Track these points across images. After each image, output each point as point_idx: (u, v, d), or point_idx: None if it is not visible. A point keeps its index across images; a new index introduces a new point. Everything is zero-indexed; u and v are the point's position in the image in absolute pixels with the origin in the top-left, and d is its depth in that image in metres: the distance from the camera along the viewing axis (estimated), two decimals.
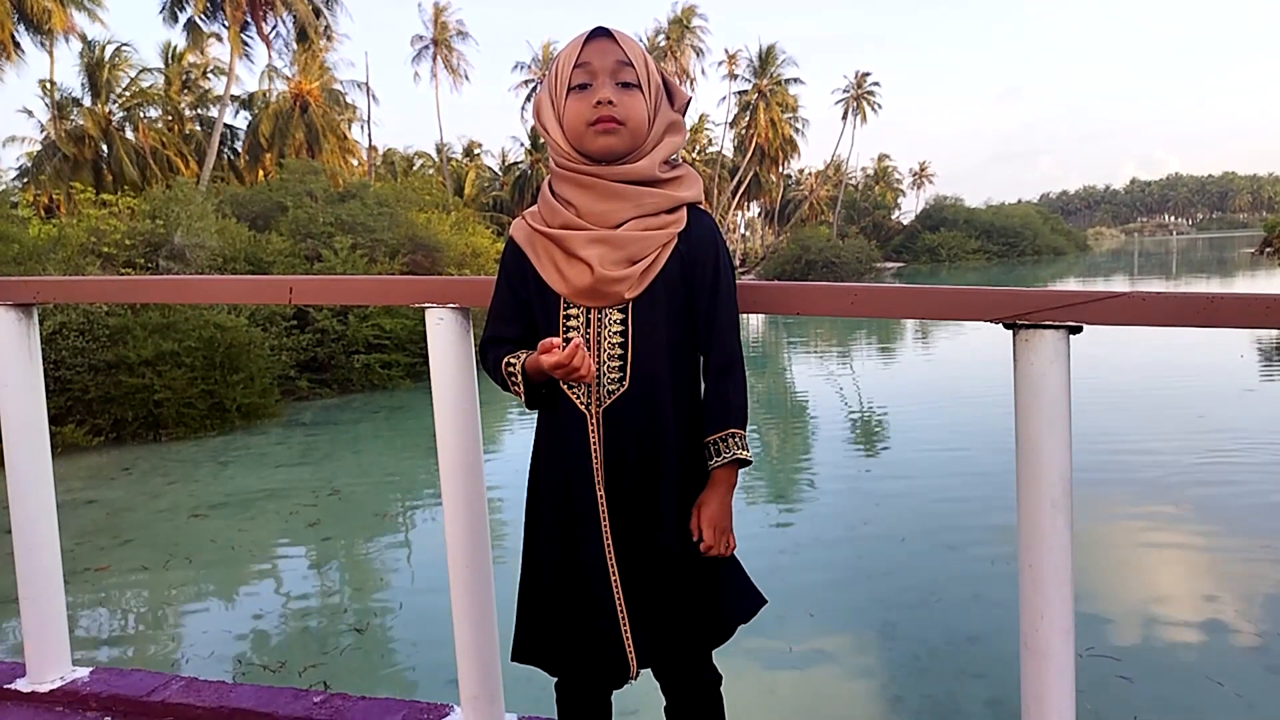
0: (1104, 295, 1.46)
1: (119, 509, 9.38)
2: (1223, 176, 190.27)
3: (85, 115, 31.95)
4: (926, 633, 5.55)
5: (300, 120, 35.47)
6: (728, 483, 1.49)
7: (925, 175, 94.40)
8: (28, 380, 2.14)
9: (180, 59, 37.16)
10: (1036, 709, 1.52)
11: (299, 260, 18.53)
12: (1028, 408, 1.49)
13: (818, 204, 69.05)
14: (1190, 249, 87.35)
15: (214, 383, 13.34)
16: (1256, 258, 33.83)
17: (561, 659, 1.56)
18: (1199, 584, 6.20)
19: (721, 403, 1.50)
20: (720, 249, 1.53)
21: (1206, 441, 10.04)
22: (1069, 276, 49.31)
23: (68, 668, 2.23)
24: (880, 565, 6.80)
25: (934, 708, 4.71)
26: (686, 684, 1.60)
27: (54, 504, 2.21)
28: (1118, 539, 7.08)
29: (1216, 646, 5.22)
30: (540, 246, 1.52)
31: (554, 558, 1.54)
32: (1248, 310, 1.42)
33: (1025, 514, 1.52)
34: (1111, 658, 5.00)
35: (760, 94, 56.43)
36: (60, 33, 29.65)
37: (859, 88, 62.20)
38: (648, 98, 1.50)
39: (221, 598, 6.86)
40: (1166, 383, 13.75)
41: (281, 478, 10.72)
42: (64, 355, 12.44)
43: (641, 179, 1.49)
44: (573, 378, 1.42)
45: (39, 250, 14.19)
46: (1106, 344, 14.27)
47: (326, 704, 2.07)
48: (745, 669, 4.87)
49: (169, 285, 2.90)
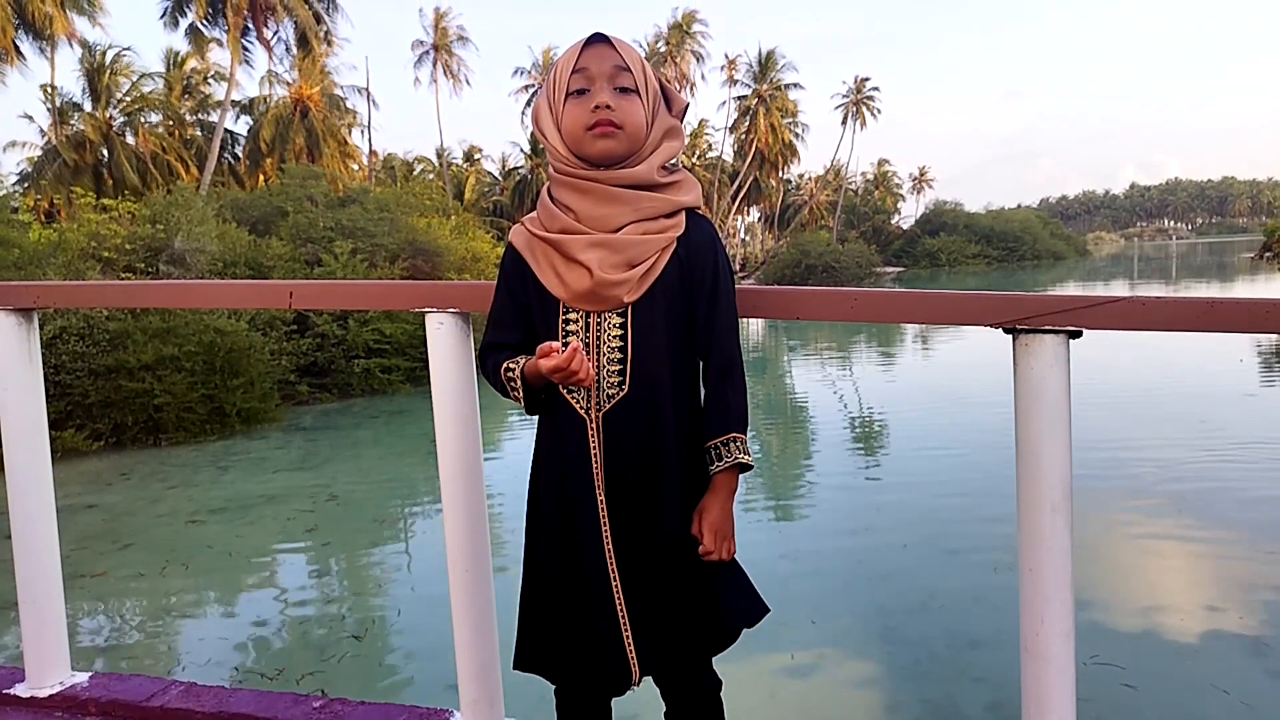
0: (1103, 300, 1.45)
1: (119, 514, 9.38)
2: (1222, 181, 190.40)
3: (85, 120, 31.99)
4: (927, 637, 5.54)
5: (301, 125, 35.51)
6: (729, 487, 1.49)
7: (925, 180, 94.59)
8: (28, 385, 2.14)
9: (182, 64, 37.22)
10: (1037, 713, 1.52)
11: (299, 265, 18.54)
12: (1028, 412, 1.49)
13: (817, 209, 69.11)
14: (1190, 254, 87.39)
15: (214, 387, 13.34)
16: (1256, 262, 33.87)
17: (563, 666, 1.55)
18: (1203, 590, 6.20)
19: (721, 407, 1.49)
20: (719, 253, 1.53)
21: (1207, 445, 10.03)
22: (1068, 281, 49.34)
23: (67, 673, 2.23)
24: (881, 569, 6.79)
25: (934, 712, 4.70)
26: (687, 690, 1.59)
27: (54, 509, 2.21)
28: (1118, 543, 7.07)
29: (1221, 653, 5.19)
30: (539, 251, 1.52)
31: (554, 562, 1.53)
32: (1247, 315, 1.41)
33: (1025, 518, 1.51)
34: (1116, 665, 4.96)
35: (760, 99, 56.51)
36: (61, 38, 29.71)
37: (858, 93, 62.28)
38: (645, 103, 1.50)
39: (220, 603, 6.85)
40: (1163, 388, 13.75)
41: (281, 483, 10.71)
42: (64, 360, 12.44)
43: (640, 183, 1.49)
44: (572, 381, 1.42)
45: (39, 255, 14.20)
46: (1107, 349, 14.27)
47: (326, 709, 2.07)
48: (745, 673, 4.86)
49: (169, 290, 2.91)
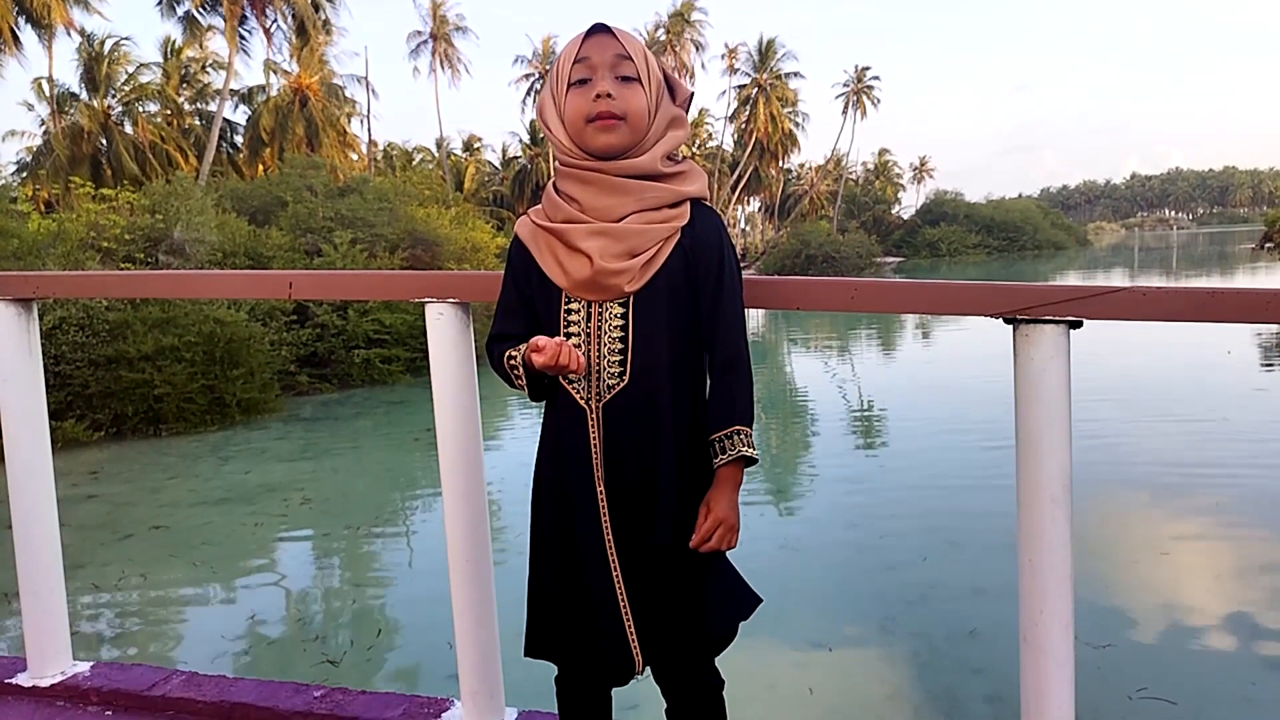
0: (1104, 290, 1.45)
1: (119, 504, 9.39)
2: (1223, 171, 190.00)
3: (83, 110, 31.89)
4: (927, 628, 5.56)
5: (300, 115, 35.37)
6: (733, 480, 1.48)
7: (926, 170, 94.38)
8: (28, 375, 2.14)
9: (179, 53, 37.08)
10: (1036, 704, 1.53)
11: (299, 255, 18.51)
12: (1028, 402, 1.49)
13: (818, 199, 69.00)
14: (1191, 244, 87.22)
15: (214, 378, 13.33)
16: (1257, 253, 33.80)
17: (570, 654, 1.55)
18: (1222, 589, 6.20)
19: (726, 400, 1.48)
20: (725, 244, 1.52)
21: (1208, 438, 10.04)
22: (1069, 271, 49.28)
23: (68, 662, 2.24)
24: (880, 561, 6.80)
25: (934, 703, 4.71)
26: (688, 689, 1.58)
27: (54, 499, 2.21)
28: (1117, 539, 7.09)
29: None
30: (542, 241, 1.52)
31: (557, 552, 1.54)
32: (1247, 305, 1.42)
33: (1025, 509, 1.52)
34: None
35: (760, 88, 56.35)
36: (60, 27, 29.60)
37: (859, 82, 62.09)
38: (648, 91, 1.49)
39: (221, 593, 6.87)
40: (1159, 377, 13.75)
41: (282, 473, 10.72)
42: (64, 350, 12.43)
43: (644, 173, 1.49)
44: (565, 373, 1.43)
45: (38, 245, 14.16)
46: (1104, 340, 14.25)
47: (327, 698, 2.08)
48: (744, 665, 4.87)
49: (169, 280, 2.91)
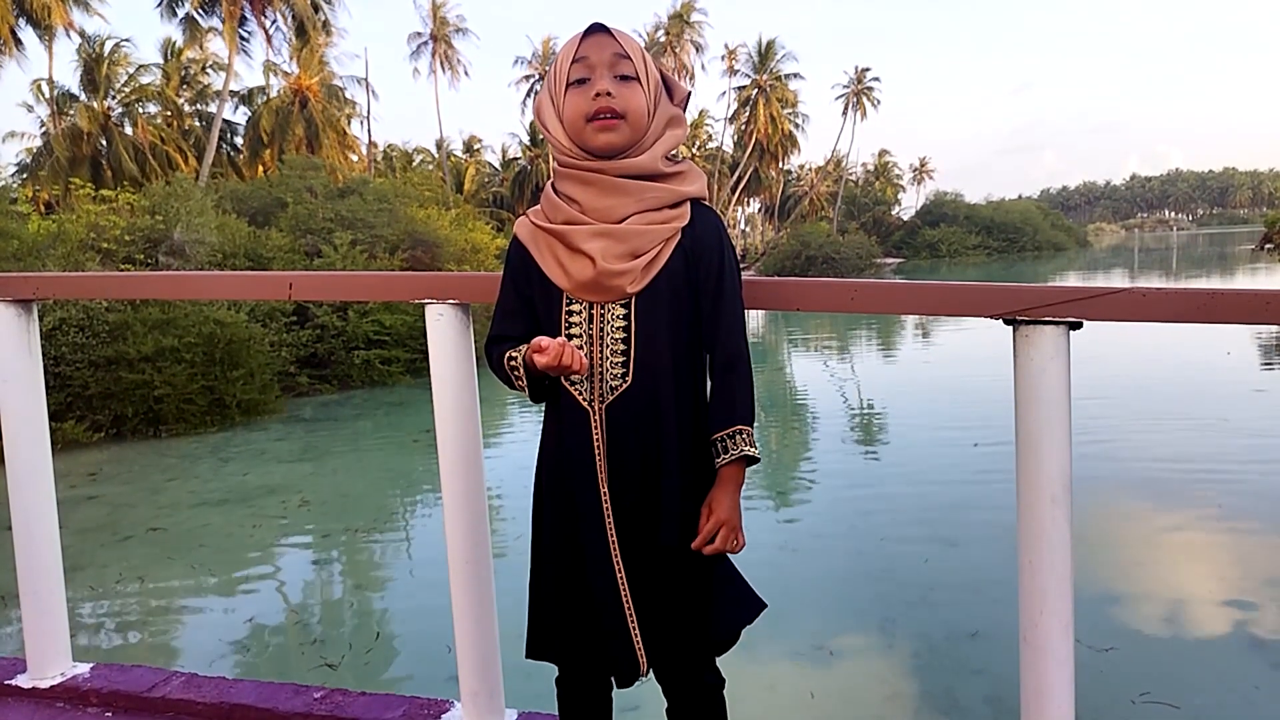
0: (1104, 291, 1.45)
1: (119, 505, 9.39)
2: (1223, 172, 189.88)
3: (83, 111, 31.90)
4: (926, 628, 5.56)
5: (300, 116, 35.39)
6: (735, 480, 1.47)
7: (925, 171, 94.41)
8: (28, 376, 2.14)
9: (179, 55, 37.09)
10: (1036, 704, 1.53)
11: (299, 256, 18.51)
12: (1027, 403, 1.49)
13: (818, 199, 69.01)
14: (1191, 245, 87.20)
15: (214, 379, 13.34)
16: (1256, 253, 33.81)
17: (573, 655, 1.55)
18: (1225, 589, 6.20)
19: (727, 400, 1.48)
20: (725, 245, 1.52)
21: (1208, 438, 10.04)
22: (1069, 272, 49.26)
23: (68, 664, 2.24)
24: (880, 562, 6.80)
25: (934, 704, 4.71)
26: (689, 689, 1.58)
27: (54, 500, 2.21)
28: (1116, 537, 7.08)
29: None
30: (543, 242, 1.51)
31: (560, 554, 1.53)
32: (1247, 306, 1.42)
33: (1025, 509, 1.52)
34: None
35: (760, 89, 56.35)
36: (60, 28, 29.61)
37: (859, 83, 62.10)
38: (646, 91, 1.49)
39: (221, 594, 6.86)
40: (1159, 377, 13.75)
41: (282, 474, 10.72)
42: (64, 351, 12.43)
43: (643, 173, 1.49)
44: (568, 374, 1.42)
45: (38, 246, 14.16)
46: (1104, 341, 14.25)
47: (327, 699, 2.08)
48: (744, 666, 4.88)
49: (169, 281, 2.91)
